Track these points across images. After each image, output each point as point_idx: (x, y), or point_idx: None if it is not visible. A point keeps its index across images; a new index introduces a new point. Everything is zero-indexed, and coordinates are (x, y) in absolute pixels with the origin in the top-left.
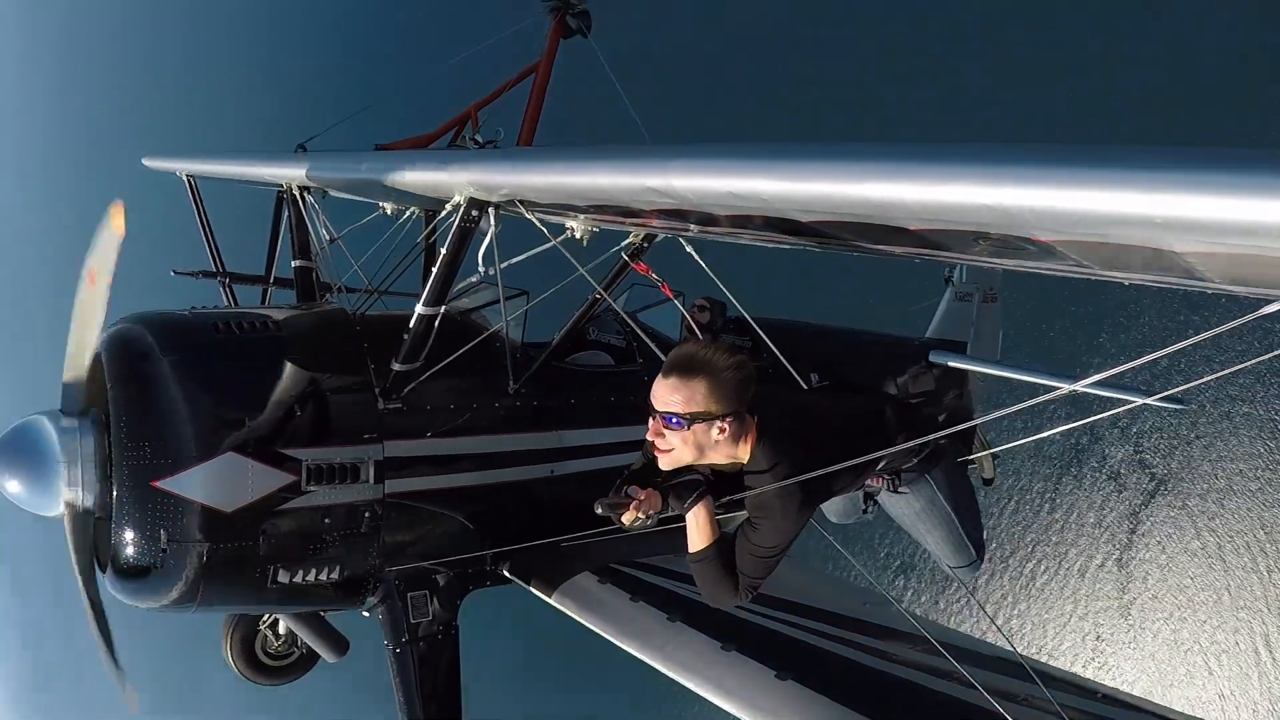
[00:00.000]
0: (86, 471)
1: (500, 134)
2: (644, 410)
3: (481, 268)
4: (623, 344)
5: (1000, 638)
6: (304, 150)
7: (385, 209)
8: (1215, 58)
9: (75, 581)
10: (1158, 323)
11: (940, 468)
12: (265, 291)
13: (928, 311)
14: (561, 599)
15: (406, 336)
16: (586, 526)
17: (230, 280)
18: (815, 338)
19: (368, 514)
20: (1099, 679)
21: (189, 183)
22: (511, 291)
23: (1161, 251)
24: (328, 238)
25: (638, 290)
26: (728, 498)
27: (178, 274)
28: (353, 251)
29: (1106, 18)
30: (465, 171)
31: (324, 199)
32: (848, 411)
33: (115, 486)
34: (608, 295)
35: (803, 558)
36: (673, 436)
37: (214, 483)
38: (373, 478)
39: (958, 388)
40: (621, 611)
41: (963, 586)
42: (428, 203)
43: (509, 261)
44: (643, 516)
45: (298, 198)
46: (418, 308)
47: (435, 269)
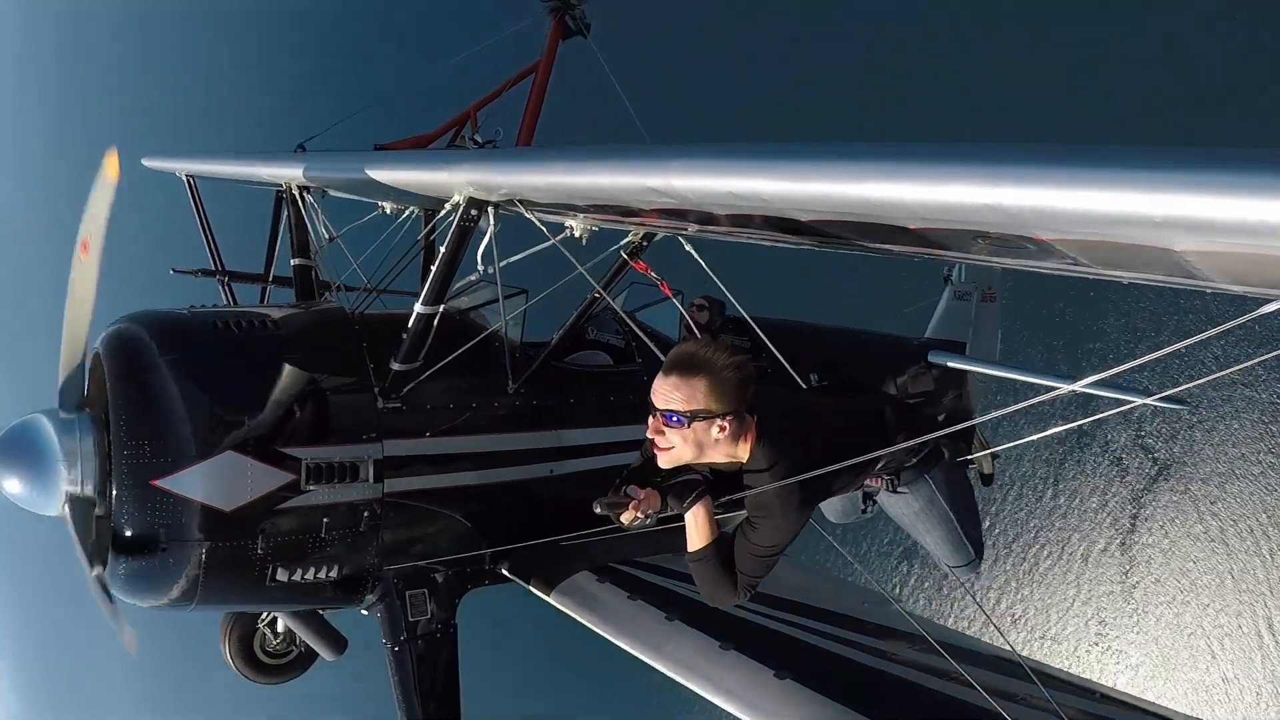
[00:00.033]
0: (86, 470)
1: (500, 134)
2: (643, 410)
3: (480, 267)
4: (622, 343)
5: (999, 637)
6: (303, 150)
7: (384, 208)
8: (1215, 58)
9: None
10: (1157, 322)
11: (939, 467)
12: (264, 290)
13: (927, 311)
14: (560, 598)
15: (405, 336)
16: (585, 526)
17: (229, 279)
18: (814, 337)
19: (367, 513)
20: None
21: (188, 183)
22: (510, 291)
23: (1161, 251)
24: (327, 237)
25: (637, 289)
26: (726, 497)
27: (177, 273)
28: (352, 250)
29: (1107, 18)
30: (465, 171)
31: (323, 198)
32: (847, 411)
33: (114, 485)
34: (607, 294)
35: (802, 557)
36: (673, 434)
37: (213, 481)
38: (372, 477)
39: (957, 388)
40: (620, 610)
41: (962, 586)
42: (427, 202)
43: (508, 260)
44: (642, 516)
45: (297, 197)
46: (417, 307)
47: (434, 268)
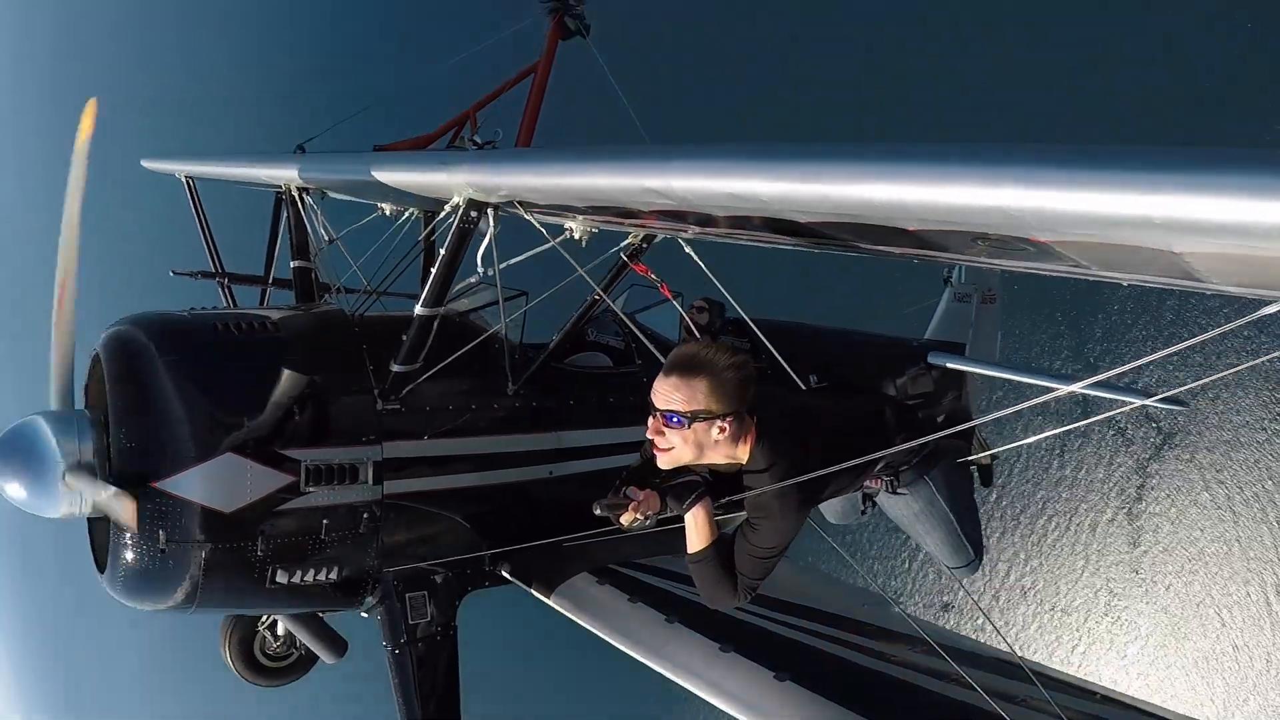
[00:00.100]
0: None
1: (499, 135)
2: (643, 411)
3: (480, 268)
4: (621, 345)
5: (998, 637)
6: (303, 151)
7: (384, 210)
8: (1215, 58)
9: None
10: (1156, 323)
11: (939, 469)
12: (264, 292)
13: (926, 312)
14: (560, 600)
15: (405, 337)
16: (585, 527)
17: (229, 281)
18: (814, 338)
19: (366, 515)
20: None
21: (188, 184)
22: (510, 292)
23: (1160, 252)
24: (326, 238)
25: (636, 291)
26: (726, 498)
27: (176, 274)
28: (352, 252)
29: (1106, 18)
30: (464, 172)
31: (323, 200)
32: (847, 412)
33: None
34: (606, 296)
35: (803, 559)
36: (673, 435)
37: (213, 483)
38: (371, 479)
39: (956, 389)
40: (620, 613)
41: (961, 587)
42: (426, 203)
43: (508, 262)
44: (641, 517)
45: (296, 198)
46: (416, 309)
47: (434, 270)
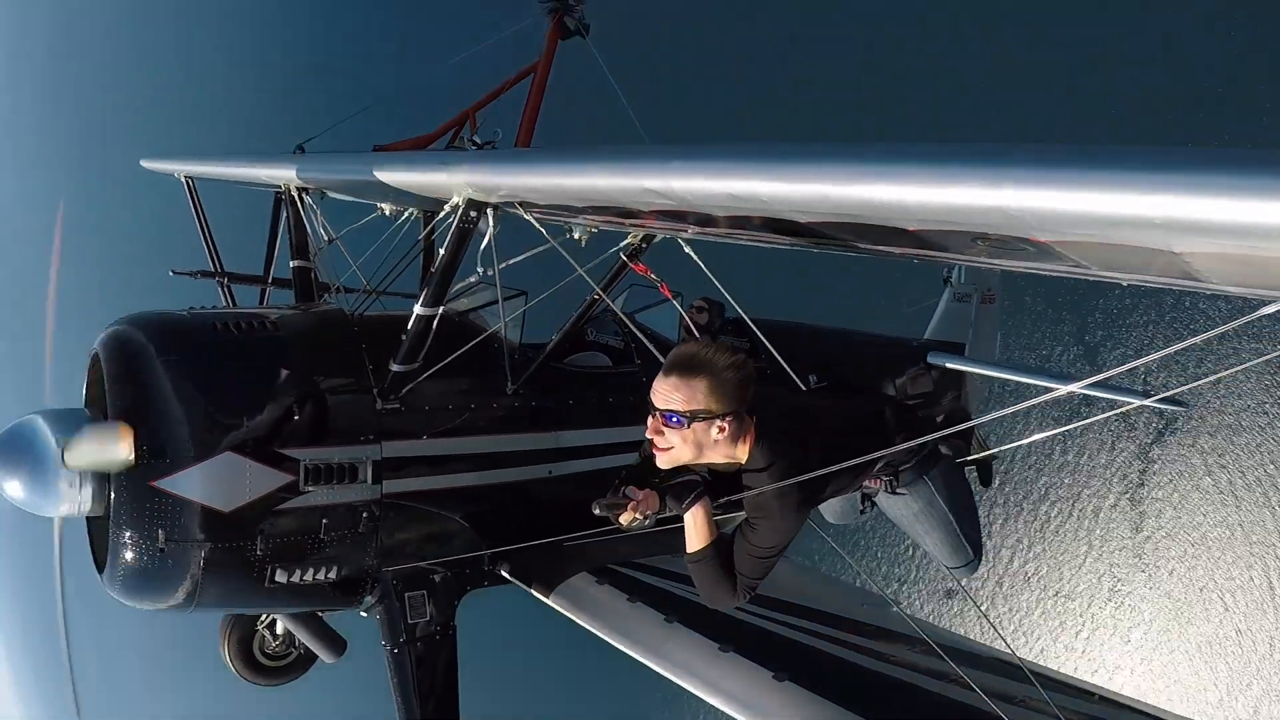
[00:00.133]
0: (85, 472)
1: (499, 135)
2: (642, 411)
3: (480, 268)
4: (621, 345)
5: (998, 637)
6: (302, 151)
7: (384, 210)
8: (1214, 58)
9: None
10: (1156, 323)
11: (938, 469)
12: (263, 292)
13: (926, 312)
14: (559, 600)
15: (405, 337)
16: (584, 527)
17: (228, 280)
18: (813, 338)
19: (365, 514)
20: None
21: (187, 184)
22: (510, 292)
23: (1160, 252)
24: (326, 238)
25: (636, 291)
26: (725, 498)
27: (176, 274)
28: (351, 252)
29: (1106, 18)
30: (464, 172)
31: (322, 200)
32: (846, 412)
33: (113, 486)
34: (606, 296)
35: (805, 559)
36: (672, 435)
37: (212, 483)
38: (370, 478)
39: (956, 389)
40: (619, 612)
41: (960, 587)
42: (426, 203)
43: (507, 262)
44: (640, 517)
45: (296, 198)
46: (416, 308)
47: (434, 270)
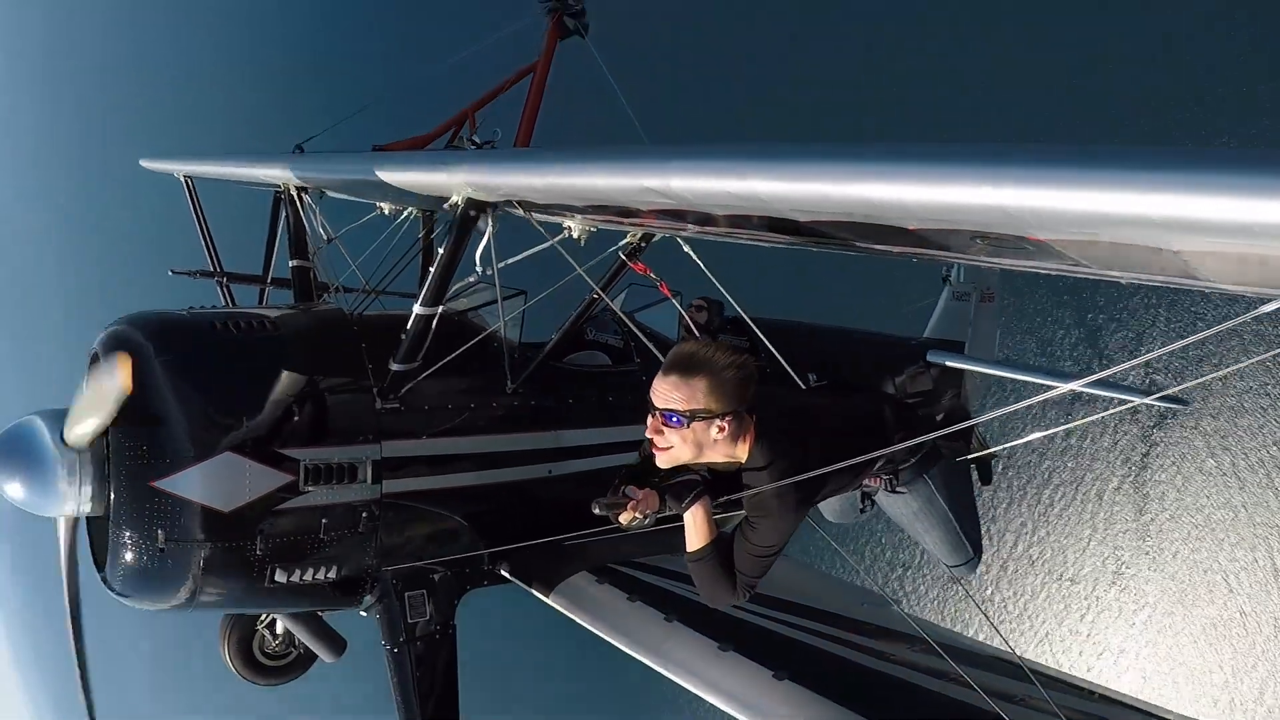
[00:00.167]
0: (84, 473)
1: (498, 134)
2: (641, 410)
3: (479, 268)
4: (620, 344)
5: (998, 637)
6: (302, 150)
7: (383, 209)
8: (1214, 57)
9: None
10: (1155, 322)
11: (938, 468)
12: (263, 291)
13: (925, 311)
14: (559, 599)
15: (404, 336)
16: (584, 526)
17: (228, 280)
18: (812, 337)
19: (365, 514)
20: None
21: (186, 184)
22: (509, 291)
23: (1160, 251)
24: (325, 238)
25: (635, 290)
26: (725, 497)
27: (175, 274)
28: (350, 252)
29: (1106, 18)
30: (463, 172)
31: (321, 199)
32: (846, 411)
33: (113, 486)
34: (605, 295)
35: (806, 558)
36: (672, 434)
37: (212, 482)
38: (370, 478)
39: (955, 388)
40: (619, 611)
41: (960, 586)
42: (425, 203)
43: (507, 261)
44: (640, 516)
45: (295, 198)
46: (415, 308)
47: (433, 269)
